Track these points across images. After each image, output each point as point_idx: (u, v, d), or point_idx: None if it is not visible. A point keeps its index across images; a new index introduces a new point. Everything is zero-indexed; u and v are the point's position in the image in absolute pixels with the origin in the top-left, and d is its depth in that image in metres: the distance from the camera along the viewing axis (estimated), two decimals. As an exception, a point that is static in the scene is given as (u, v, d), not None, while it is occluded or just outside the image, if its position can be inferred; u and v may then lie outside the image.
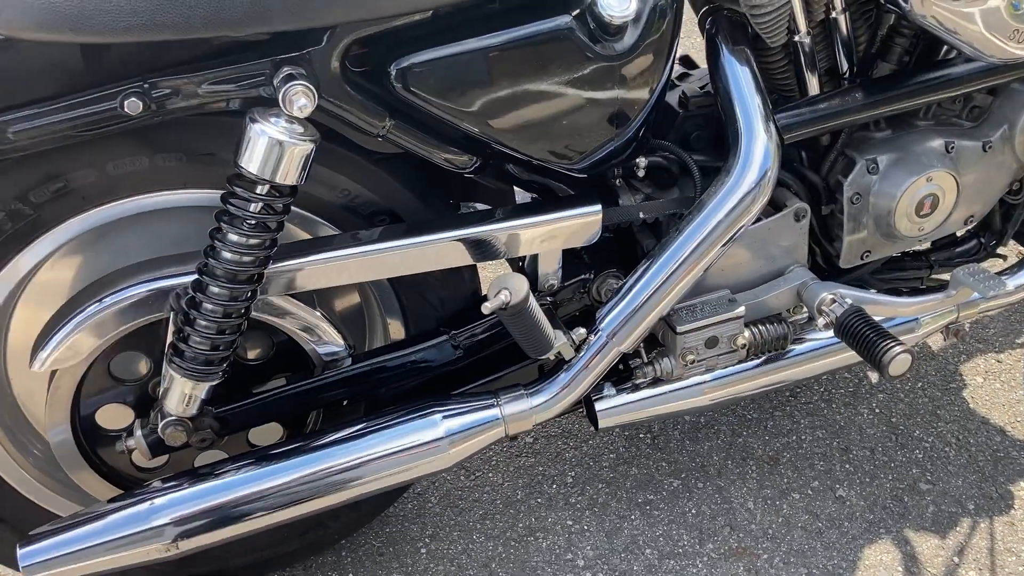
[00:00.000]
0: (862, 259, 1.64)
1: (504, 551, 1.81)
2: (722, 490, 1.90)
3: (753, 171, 1.43)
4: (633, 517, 1.86)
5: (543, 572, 1.77)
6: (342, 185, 1.38)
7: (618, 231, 1.56)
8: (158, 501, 1.34)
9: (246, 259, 1.24)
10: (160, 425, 1.35)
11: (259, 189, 1.21)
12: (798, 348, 1.62)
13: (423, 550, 1.83)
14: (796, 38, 1.49)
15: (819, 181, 1.60)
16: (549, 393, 1.46)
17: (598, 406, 1.56)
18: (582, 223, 1.44)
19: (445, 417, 1.42)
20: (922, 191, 1.57)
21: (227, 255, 1.23)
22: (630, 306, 1.45)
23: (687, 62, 1.71)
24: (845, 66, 1.56)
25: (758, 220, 1.55)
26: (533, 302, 1.33)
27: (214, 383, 1.34)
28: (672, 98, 1.61)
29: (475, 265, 1.47)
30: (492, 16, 1.26)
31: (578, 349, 1.46)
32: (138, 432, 1.39)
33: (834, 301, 1.52)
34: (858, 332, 1.46)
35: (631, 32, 1.31)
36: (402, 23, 1.22)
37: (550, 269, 1.49)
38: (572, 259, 1.54)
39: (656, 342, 1.56)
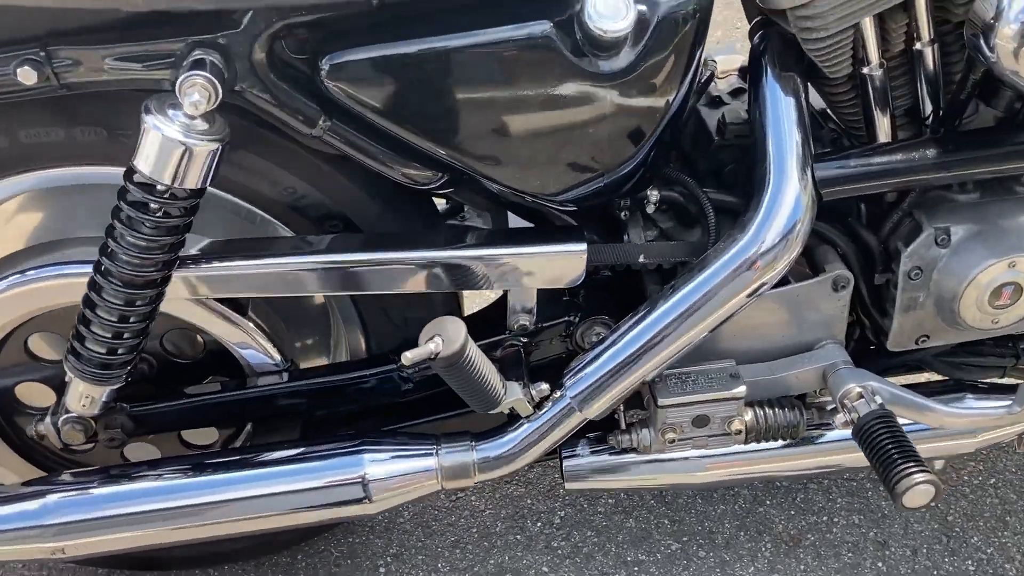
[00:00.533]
0: (917, 343, 1.35)
1: (467, 588, 1.65)
2: (726, 565, 1.66)
3: (776, 226, 1.16)
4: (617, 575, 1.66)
5: (501, 621, 1.60)
6: (286, 182, 1.21)
7: (620, 270, 1.32)
8: (50, 500, 1.24)
9: (142, 263, 1.08)
10: (59, 421, 1.23)
11: (156, 190, 1.04)
12: (816, 436, 1.35)
13: (382, 569, 1.69)
14: (865, 70, 1.19)
15: (875, 244, 1.31)
16: (497, 450, 1.26)
17: (567, 463, 1.35)
18: (563, 262, 1.22)
19: (373, 459, 1.25)
20: (1002, 278, 1.25)
21: (122, 256, 1.08)
22: (602, 370, 1.22)
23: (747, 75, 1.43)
24: (929, 108, 1.25)
25: (785, 282, 1.28)
26: (473, 353, 1.12)
27: (114, 387, 1.21)
28: (714, 119, 1.34)
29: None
30: (452, 13, 1.03)
31: (539, 405, 1.25)
32: (48, 419, 1.28)
33: (861, 396, 1.24)
34: (877, 443, 1.19)
35: (630, 48, 1.06)
36: (340, 12, 1.01)
37: (522, 308, 1.28)
38: (558, 295, 1.33)
39: (640, 402, 1.33)
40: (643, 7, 1.05)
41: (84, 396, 1.20)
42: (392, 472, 1.25)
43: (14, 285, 1.19)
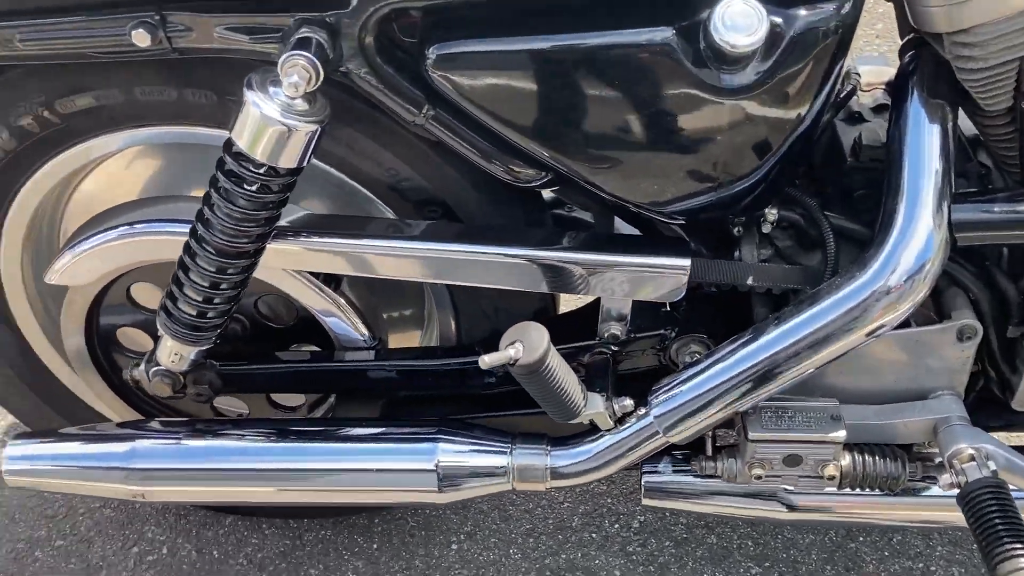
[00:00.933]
0: (1049, 408, 1.23)
1: (535, 579, 1.63)
2: (806, 598, 1.59)
3: (902, 266, 1.06)
4: (689, 592, 1.60)
5: (565, 619, 1.58)
6: (389, 163, 1.18)
7: (726, 288, 1.25)
8: (137, 445, 1.27)
9: (235, 235, 1.08)
10: (150, 371, 1.26)
11: (252, 165, 1.03)
12: (917, 489, 1.25)
13: (454, 546, 1.68)
14: (1027, 104, 1.07)
15: (1014, 293, 1.19)
16: (571, 460, 1.22)
17: (646, 478, 1.30)
18: (663, 277, 1.16)
19: (447, 449, 1.23)
20: None
21: (216, 226, 1.08)
22: (692, 394, 1.16)
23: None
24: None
25: (906, 324, 1.18)
26: (554, 362, 1.08)
27: (203, 348, 1.22)
28: (851, 137, 1.24)
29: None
30: (569, 12, 0.97)
31: (621, 420, 1.20)
32: (142, 367, 1.32)
33: (972, 459, 1.14)
34: (983, 515, 1.09)
35: (758, 63, 0.97)
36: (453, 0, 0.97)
37: (615, 317, 1.22)
38: (657, 305, 1.26)
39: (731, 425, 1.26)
40: (779, 20, 0.96)
41: (173, 352, 1.23)
42: (465, 465, 1.23)
43: (123, 236, 1.22)
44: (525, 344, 1.06)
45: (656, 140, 1.03)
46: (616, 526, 1.70)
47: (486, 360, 1.05)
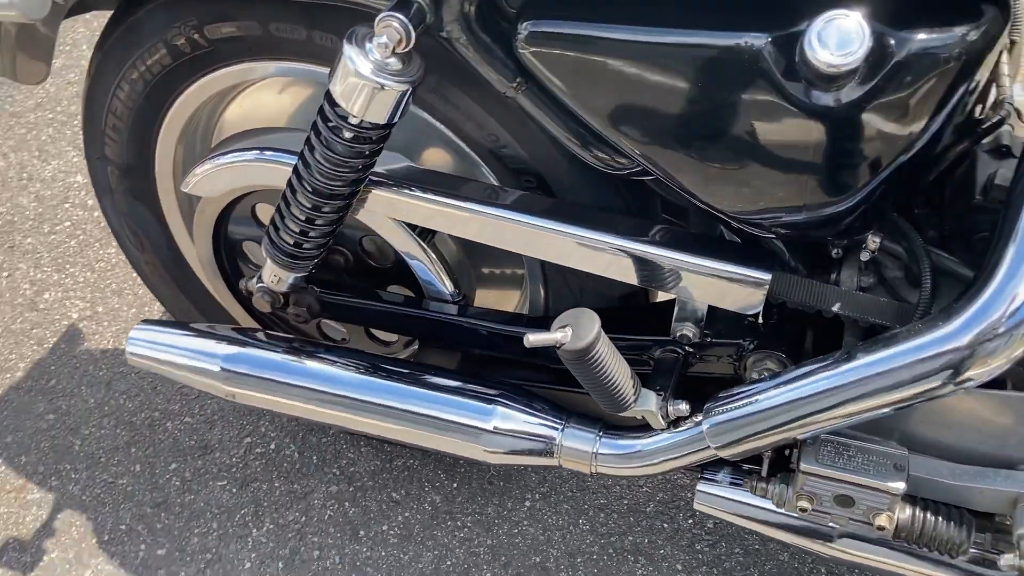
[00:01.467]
0: None
1: (598, 554, 1.65)
2: (869, 640, 1.51)
3: (995, 320, 0.97)
4: (748, 604, 1.57)
5: (618, 599, 1.59)
6: (490, 128, 1.20)
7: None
8: (240, 351, 1.38)
9: (330, 178, 1.14)
10: (256, 287, 1.36)
11: (349, 117, 1.08)
12: (979, 558, 1.16)
13: (527, 503, 1.73)
14: None
15: None
16: (618, 451, 1.22)
17: (701, 484, 1.28)
18: (740, 286, 1.12)
19: (500, 413, 1.26)
20: None
21: (313, 168, 1.15)
22: (747, 411, 1.12)
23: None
24: None
25: (1001, 384, 1.09)
26: (604, 353, 1.08)
27: (299, 275, 1.30)
28: (987, 172, 1.14)
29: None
30: (670, 5, 0.94)
31: (675, 423, 1.19)
32: (252, 281, 1.42)
33: (1045, 545, 1.04)
34: (1035, 608, 1.00)
35: (856, 85, 0.91)
36: (550, -22, 0.96)
37: (689, 318, 1.19)
38: (742, 315, 1.22)
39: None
40: (889, 40, 0.89)
41: (273, 274, 1.31)
42: (517, 432, 1.25)
43: (248, 159, 1.31)
44: (575, 329, 1.06)
45: (738, 149, 0.99)
46: (690, 521, 1.68)
47: (531, 339, 1.06)
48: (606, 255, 1.15)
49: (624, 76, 0.98)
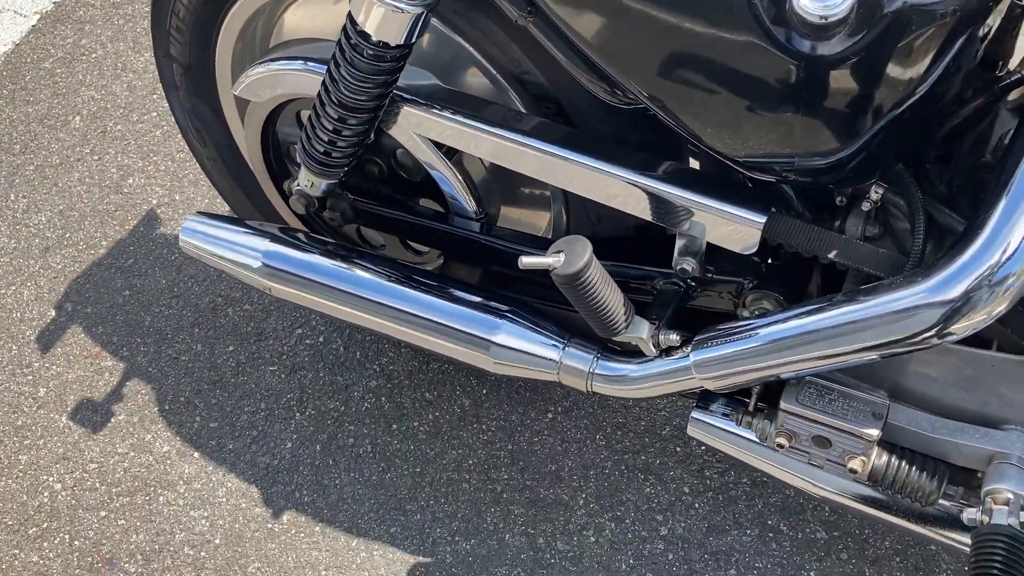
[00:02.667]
0: None
1: (610, 469, 1.72)
2: (861, 578, 1.56)
3: (974, 277, 0.98)
4: (748, 531, 1.63)
5: (625, 513, 1.67)
6: (512, 53, 1.24)
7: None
8: (275, 248, 1.47)
9: (353, 92, 1.20)
10: (294, 189, 1.45)
11: (370, 37, 1.14)
12: (955, 511, 1.19)
13: (550, 415, 1.81)
14: None
15: None
16: (612, 372, 1.28)
17: (694, 412, 1.33)
18: (736, 226, 1.15)
19: (506, 327, 1.33)
20: None
21: (339, 82, 1.21)
22: (731, 347, 1.16)
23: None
24: None
25: (987, 343, 1.10)
26: (595, 278, 1.12)
27: (331, 181, 1.38)
28: (1005, 128, 1.12)
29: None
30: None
31: (667, 352, 1.23)
32: (292, 184, 1.50)
33: (1007, 504, 1.07)
34: (985, 562, 1.03)
35: (845, 35, 0.91)
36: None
37: (688, 252, 1.22)
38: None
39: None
40: (883, -7, 0.89)
41: (307, 179, 1.40)
42: (520, 346, 1.32)
43: (300, 69, 1.37)
44: (567, 255, 1.11)
45: (731, 93, 1.00)
46: (702, 448, 1.73)
47: (524, 261, 1.12)
48: (608, 185, 1.18)
49: (624, 13, 1.00)
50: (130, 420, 1.87)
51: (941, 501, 1.16)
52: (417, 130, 1.29)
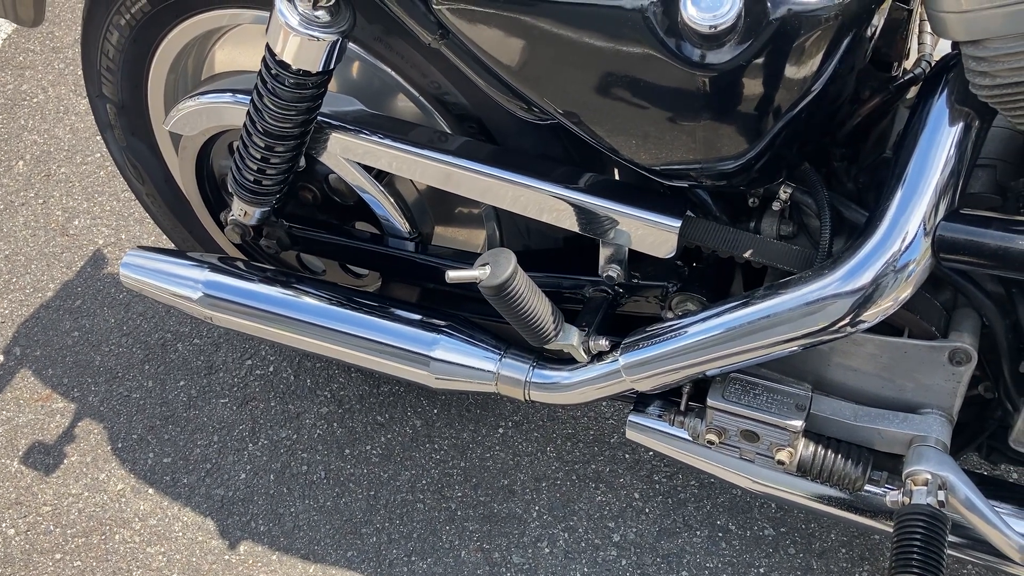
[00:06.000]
0: (1045, 453, 1.14)
1: (562, 479, 1.75)
2: (810, 572, 1.59)
3: (877, 267, 1.03)
4: (697, 532, 1.66)
5: (577, 522, 1.69)
6: (432, 76, 1.27)
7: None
8: (214, 277, 1.49)
9: (275, 121, 1.23)
10: (228, 220, 1.47)
11: (283, 67, 1.16)
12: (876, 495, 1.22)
13: (501, 431, 1.83)
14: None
15: (1029, 325, 1.10)
16: (547, 380, 1.31)
17: (632, 416, 1.36)
18: (655, 232, 1.18)
19: (444, 342, 1.35)
20: None
21: (262, 111, 1.24)
22: (658, 348, 1.19)
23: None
24: None
25: (899, 332, 1.14)
26: (521, 289, 1.15)
27: (263, 209, 1.40)
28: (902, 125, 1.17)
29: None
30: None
31: (598, 357, 1.27)
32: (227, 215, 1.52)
33: (925, 484, 1.10)
34: (905, 541, 1.06)
35: (735, 45, 0.96)
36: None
37: (613, 260, 1.26)
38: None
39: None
40: (762, 2, 0.93)
41: (240, 208, 1.42)
42: (457, 359, 1.35)
43: (229, 101, 1.39)
44: (492, 267, 1.14)
45: (632, 104, 1.04)
46: (650, 453, 1.76)
47: (451, 275, 1.15)
48: (530, 200, 1.22)
49: (526, 33, 1.04)
50: (83, 460, 1.87)
51: (868, 487, 1.20)
52: (345, 155, 1.32)
